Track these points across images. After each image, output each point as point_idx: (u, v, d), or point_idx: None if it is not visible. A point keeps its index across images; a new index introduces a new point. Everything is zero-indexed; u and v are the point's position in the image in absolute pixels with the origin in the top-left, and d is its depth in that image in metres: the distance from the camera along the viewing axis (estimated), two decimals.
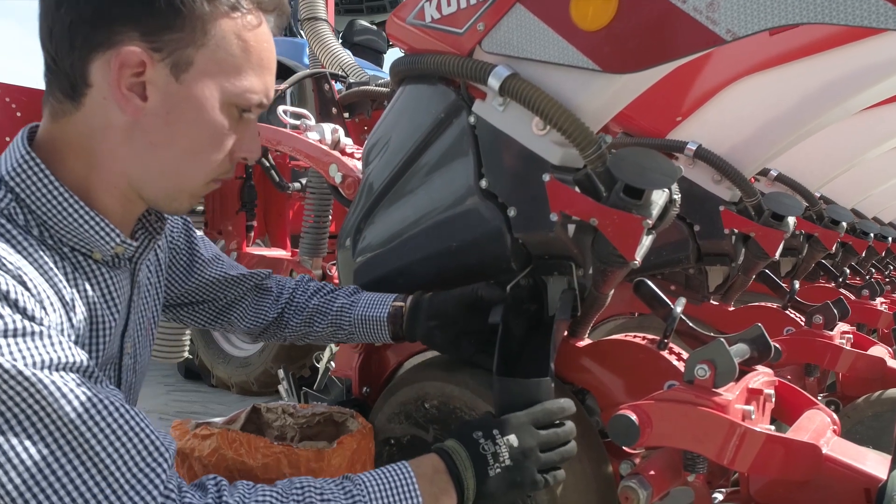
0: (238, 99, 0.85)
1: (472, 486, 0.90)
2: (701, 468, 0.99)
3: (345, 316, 1.28)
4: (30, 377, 0.69)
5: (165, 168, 0.86)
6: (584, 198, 1.04)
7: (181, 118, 0.83)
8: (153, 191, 0.88)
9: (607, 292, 1.16)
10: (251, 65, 0.86)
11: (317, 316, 1.29)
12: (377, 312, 1.25)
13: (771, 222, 1.80)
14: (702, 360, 0.98)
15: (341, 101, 2.25)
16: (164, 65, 0.81)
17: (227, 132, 0.87)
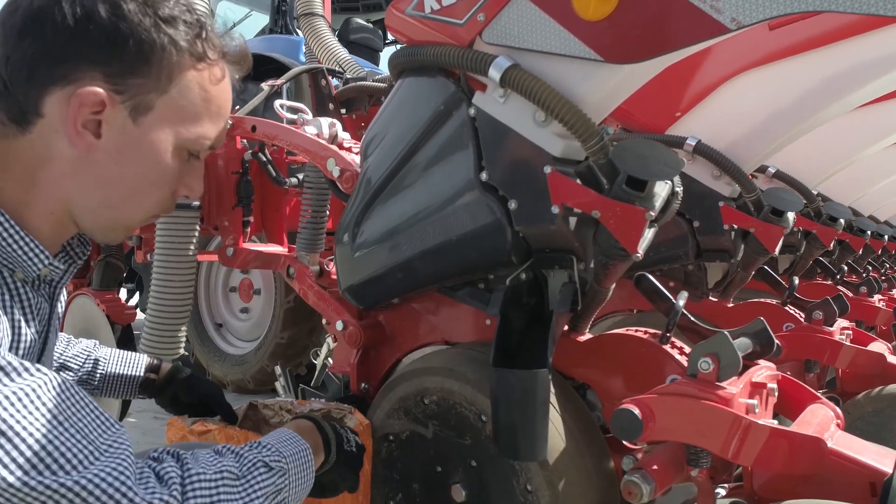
0: (191, 145, 0.87)
1: (334, 450, 1.06)
2: (704, 463, 0.97)
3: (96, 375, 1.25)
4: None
5: (109, 202, 0.86)
6: (586, 190, 1.02)
7: (132, 159, 0.84)
8: (92, 221, 0.88)
9: (608, 286, 1.15)
10: (209, 114, 0.88)
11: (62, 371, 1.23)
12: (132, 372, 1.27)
13: (771, 218, 1.79)
14: (705, 354, 0.97)
15: (338, 97, 2.24)
16: (123, 107, 0.82)
17: (175, 174, 0.88)
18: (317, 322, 3.01)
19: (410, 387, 1.23)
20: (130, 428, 3.27)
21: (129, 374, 1.27)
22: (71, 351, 1.28)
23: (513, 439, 0.96)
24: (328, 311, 1.52)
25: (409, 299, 1.42)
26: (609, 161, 1.04)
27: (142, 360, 1.30)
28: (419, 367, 1.23)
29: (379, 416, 1.29)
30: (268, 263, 1.71)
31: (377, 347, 1.48)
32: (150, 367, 1.30)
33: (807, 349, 1.72)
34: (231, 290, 3.48)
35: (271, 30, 5.31)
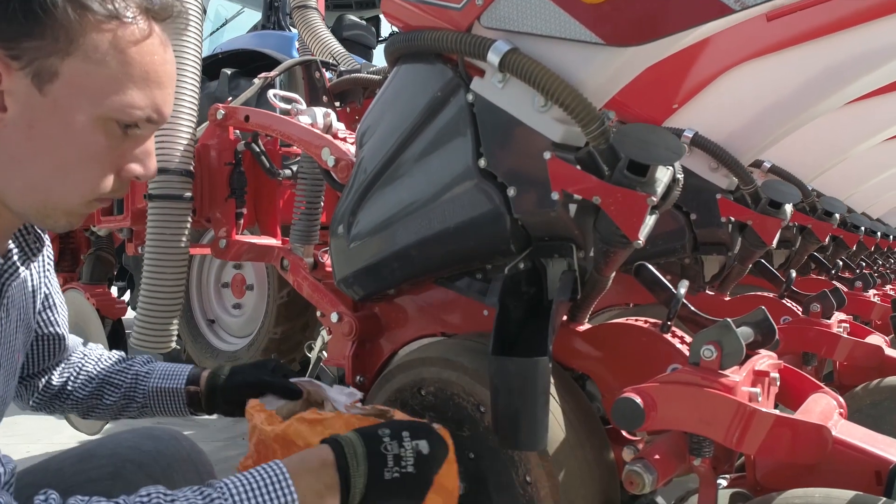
0: (118, 114, 0.78)
1: (360, 488, 0.80)
2: (707, 452, 0.96)
3: (138, 388, 1.20)
4: None
5: (32, 184, 0.78)
6: (587, 175, 1.01)
7: (46, 133, 0.76)
8: (21, 205, 0.80)
9: (609, 275, 1.13)
10: (132, 78, 0.78)
11: (107, 387, 1.20)
12: (175, 384, 1.20)
13: (768, 210, 1.79)
14: (708, 341, 0.96)
15: (332, 90, 2.21)
16: (23, 73, 0.74)
17: (105, 149, 0.80)
18: (311, 317, 2.99)
19: (407, 378, 1.21)
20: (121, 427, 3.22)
21: (172, 387, 1.20)
22: (108, 364, 1.22)
23: (512, 428, 0.94)
24: (323, 302, 1.50)
25: (406, 290, 1.40)
26: (610, 146, 1.02)
27: (183, 372, 1.22)
28: (416, 357, 1.21)
29: None
30: (261, 255, 1.68)
31: (373, 340, 1.46)
32: (190, 379, 1.22)
33: (805, 342, 1.71)
34: (223, 285, 3.44)
35: (264, 26, 5.29)
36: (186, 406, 1.22)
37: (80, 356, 1.22)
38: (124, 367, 1.22)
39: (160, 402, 1.21)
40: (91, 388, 1.19)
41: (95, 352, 1.24)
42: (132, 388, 1.20)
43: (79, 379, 1.20)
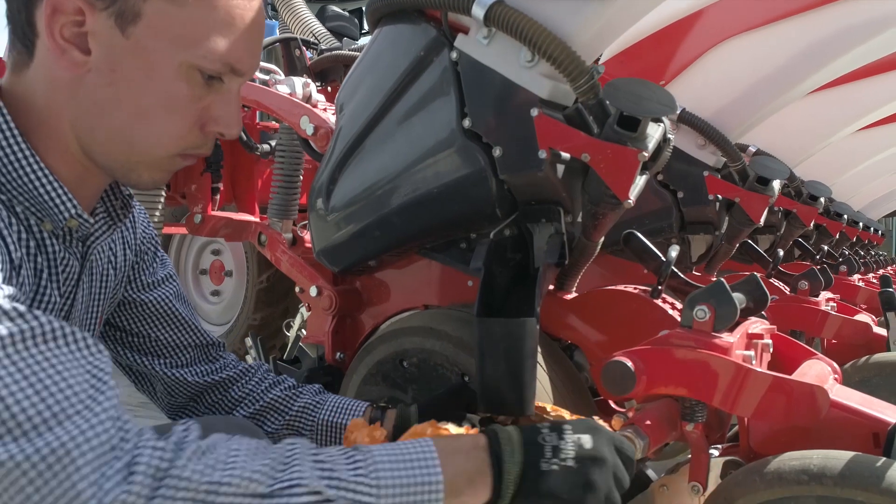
0: (200, 61, 0.74)
1: (514, 476, 0.72)
2: (700, 417, 0.92)
3: (306, 417, 1.07)
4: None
5: (113, 134, 0.76)
6: (575, 131, 0.97)
7: (128, 77, 0.73)
8: (104, 158, 0.78)
9: (597, 240, 1.10)
10: (215, 23, 0.74)
11: (270, 412, 1.08)
12: (349, 419, 1.04)
13: (756, 187, 1.76)
14: (701, 302, 0.92)
15: (313, 68, 2.16)
16: (106, 14, 0.72)
17: (188, 100, 0.76)
18: (290, 303, 2.92)
19: (388, 349, 1.16)
20: None
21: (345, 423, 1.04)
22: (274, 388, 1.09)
23: (498, 392, 0.90)
24: (301, 277, 1.45)
25: (387, 263, 1.35)
26: (599, 102, 0.98)
27: (360, 407, 1.06)
28: (397, 328, 1.17)
29: (355, 383, 1.23)
30: (238, 231, 1.63)
31: (353, 315, 1.42)
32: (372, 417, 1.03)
33: (793, 320, 1.69)
34: (201, 272, 3.37)
35: None
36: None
37: (243, 370, 1.11)
38: (292, 395, 1.09)
39: (329, 438, 1.06)
40: (253, 409, 1.08)
41: (268, 374, 1.13)
42: (298, 419, 1.07)
43: (239, 392, 1.09)
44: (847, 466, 0.78)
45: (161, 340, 1.05)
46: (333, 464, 0.67)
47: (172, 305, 1.05)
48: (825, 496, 0.78)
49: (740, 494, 0.84)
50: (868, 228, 4.07)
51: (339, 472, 0.66)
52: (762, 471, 0.83)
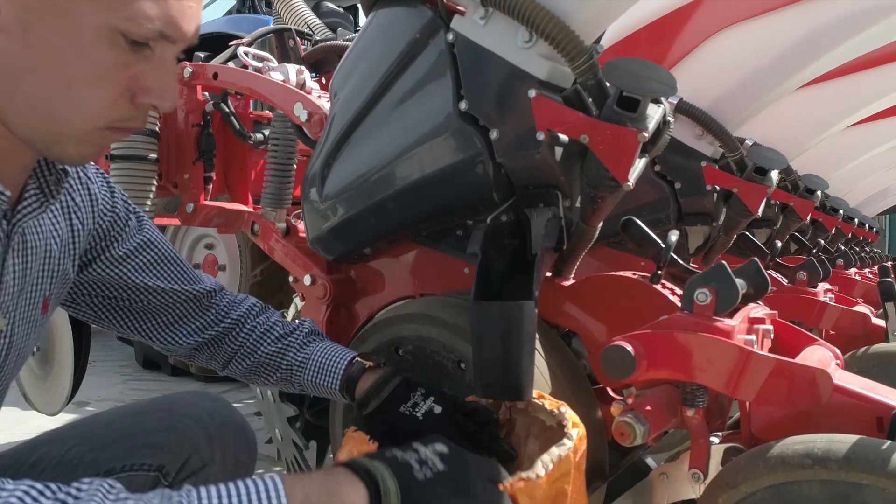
0: (124, 25, 0.67)
1: (394, 491, 0.68)
2: (701, 402, 0.91)
3: (294, 376, 1.09)
4: None
5: (33, 101, 0.69)
6: (574, 112, 0.95)
7: (44, 40, 0.66)
8: (24, 128, 0.71)
9: (596, 224, 1.08)
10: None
11: (262, 369, 1.10)
12: (328, 382, 1.05)
13: (754, 177, 1.75)
14: (702, 285, 0.91)
15: (307, 59, 2.13)
16: None
17: (112, 67, 0.69)
18: (284, 296, 2.89)
19: (384, 336, 1.14)
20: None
21: (327, 385, 1.04)
22: (264, 343, 1.09)
23: (496, 377, 0.88)
24: (295, 266, 1.43)
25: (382, 251, 1.33)
26: (598, 83, 0.97)
27: (337, 369, 1.04)
28: (393, 315, 1.15)
29: None
30: (231, 221, 1.61)
31: (348, 304, 1.40)
32: (347, 377, 1.02)
33: (791, 310, 1.67)
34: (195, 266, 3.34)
35: (238, 10, 5.20)
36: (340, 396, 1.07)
37: (239, 320, 1.10)
38: (280, 349, 1.09)
39: (316, 390, 1.08)
40: (248, 365, 1.10)
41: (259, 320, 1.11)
42: (288, 375, 1.09)
43: (234, 344, 1.09)
44: (852, 450, 0.76)
45: (144, 308, 1.03)
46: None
47: (145, 276, 1.01)
48: (829, 480, 0.77)
49: (743, 480, 0.83)
50: (863, 225, 4.06)
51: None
52: (765, 455, 0.82)
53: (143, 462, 0.91)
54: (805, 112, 2.23)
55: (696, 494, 0.97)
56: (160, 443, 0.92)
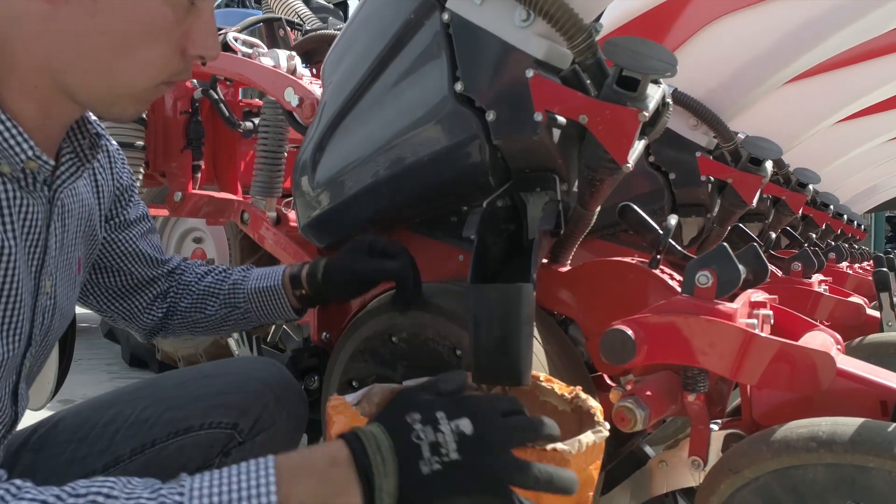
0: None
1: (391, 490, 0.61)
2: (702, 387, 0.89)
3: (237, 292, 1.14)
4: None
5: (95, 65, 0.72)
6: (573, 92, 0.93)
7: (111, 5, 0.70)
8: (86, 92, 0.74)
9: (594, 209, 1.06)
10: None
11: (208, 298, 1.15)
12: (271, 282, 1.13)
13: (749, 167, 1.74)
14: (703, 267, 0.89)
15: (297, 49, 2.10)
16: None
17: (171, 24, 0.74)
18: None
19: (378, 324, 1.12)
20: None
21: (270, 286, 1.12)
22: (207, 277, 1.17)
23: (493, 361, 0.86)
24: (286, 255, 1.40)
25: None
26: (597, 62, 0.95)
27: (278, 271, 1.15)
28: (387, 302, 1.12)
29: (342, 361, 1.18)
30: (220, 210, 1.57)
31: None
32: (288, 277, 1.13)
33: (786, 300, 1.65)
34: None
35: (227, 4, 5.15)
36: (289, 305, 1.14)
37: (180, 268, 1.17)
38: (222, 278, 1.17)
39: (261, 303, 1.14)
40: (191, 300, 1.14)
41: (199, 267, 1.19)
42: (231, 295, 1.14)
43: (180, 291, 1.15)
44: (857, 432, 0.75)
45: (129, 278, 1.08)
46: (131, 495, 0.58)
47: (144, 244, 1.08)
48: (835, 463, 0.75)
49: (746, 464, 0.81)
50: (852, 222, 4.08)
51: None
52: (769, 439, 0.80)
53: (220, 420, 0.97)
54: (797, 106, 2.22)
55: (696, 482, 0.95)
56: (235, 403, 0.98)
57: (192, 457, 0.97)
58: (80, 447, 0.95)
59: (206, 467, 0.94)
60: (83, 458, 0.94)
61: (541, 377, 0.90)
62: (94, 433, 0.96)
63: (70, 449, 0.94)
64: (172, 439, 0.96)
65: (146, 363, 3.76)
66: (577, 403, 0.86)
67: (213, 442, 0.98)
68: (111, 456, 0.94)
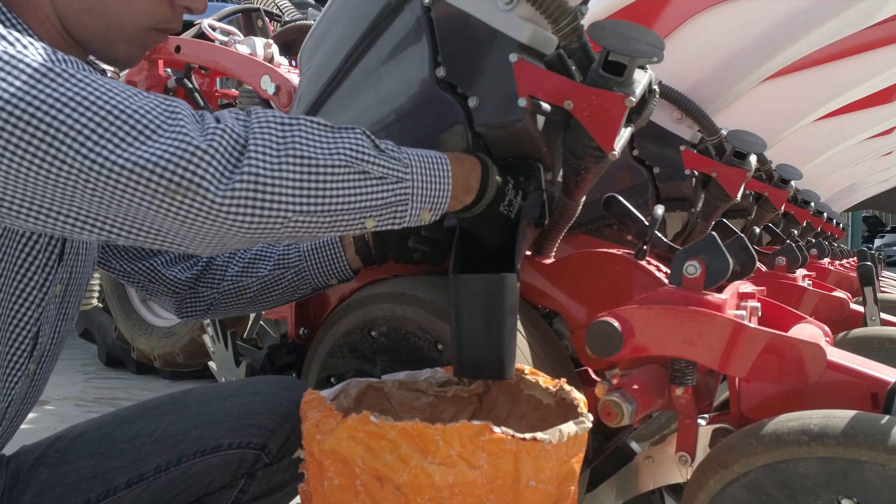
0: None
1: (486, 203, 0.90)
2: (690, 380, 0.87)
3: (290, 252, 1.12)
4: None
5: (90, 5, 0.79)
6: (557, 76, 0.90)
7: None
8: (82, 31, 0.81)
9: (579, 198, 1.04)
10: None
11: (259, 261, 1.13)
12: (328, 238, 1.12)
13: (733, 161, 1.73)
14: (692, 257, 0.86)
15: (276, 39, 2.06)
16: None
17: None
18: None
19: (356, 318, 1.08)
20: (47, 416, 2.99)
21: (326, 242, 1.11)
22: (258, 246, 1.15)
23: (476, 355, 0.83)
24: None
25: None
26: (582, 46, 0.92)
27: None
28: (366, 295, 1.09)
29: (319, 356, 1.14)
30: None
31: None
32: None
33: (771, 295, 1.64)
34: None
35: None
36: (346, 262, 1.13)
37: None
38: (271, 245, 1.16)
39: (317, 261, 1.12)
40: (241, 266, 1.13)
41: None
42: (284, 256, 1.12)
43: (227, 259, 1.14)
44: (850, 425, 0.73)
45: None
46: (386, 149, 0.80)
47: None
48: (827, 457, 0.73)
49: (735, 459, 0.78)
50: (831, 220, 4.12)
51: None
52: (759, 433, 0.78)
53: (249, 441, 0.95)
54: (779, 102, 2.22)
55: (684, 478, 0.93)
56: (264, 423, 0.96)
57: (218, 476, 0.95)
58: (102, 462, 0.92)
59: (230, 488, 0.96)
60: (105, 474, 0.91)
61: (525, 370, 0.88)
62: (117, 448, 0.94)
63: (91, 464, 0.92)
64: (199, 458, 0.94)
65: (122, 363, 3.69)
66: (561, 396, 0.83)
67: (241, 462, 0.96)
68: (135, 472, 0.92)
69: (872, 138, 3.19)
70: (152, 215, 0.64)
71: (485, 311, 0.82)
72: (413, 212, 0.80)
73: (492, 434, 0.63)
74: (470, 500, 0.62)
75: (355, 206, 0.74)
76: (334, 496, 0.67)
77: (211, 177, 0.64)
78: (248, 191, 0.66)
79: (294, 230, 0.71)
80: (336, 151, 0.73)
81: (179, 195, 0.63)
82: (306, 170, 0.70)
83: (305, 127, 0.73)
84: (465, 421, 0.63)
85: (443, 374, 0.94)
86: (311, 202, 0.70)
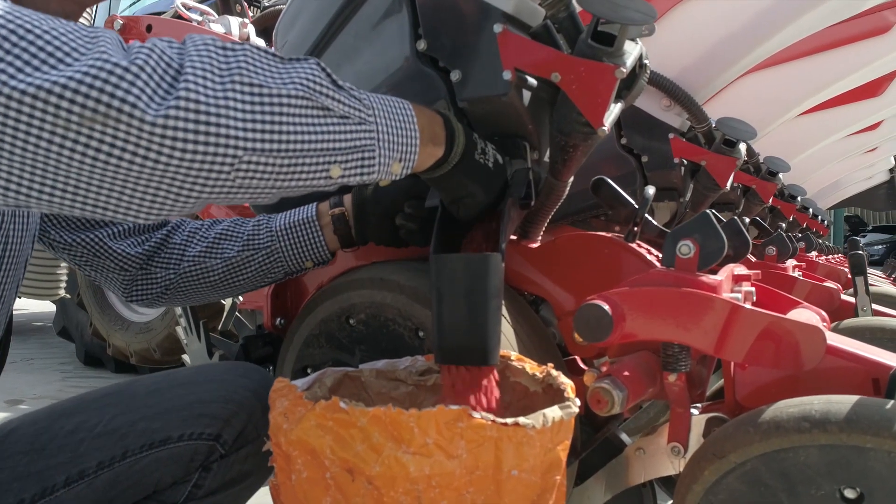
0: None
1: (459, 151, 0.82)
2: (683, 366, 0.82)
3: (261, 231, 1.04)
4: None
5: None
6: (544, 47, 0.86)
7: None
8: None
9: (566, 179, 0.99)
10: None
11: (225, 241, 1.04)
12: (303, 215, 1.04)
13: (723, 149, 1.69)
14: (685, 237, 0.82)
15: (255, 24, 2.00)
16: None
17: None
18: None
19: (333, 305, 1.03)
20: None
21: (302, 218, 1.04)
22: (223, 223, 1.08)
23: (459, 339, 0.78)
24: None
25: None
26: (570, 16, 0.88)
27: (311, 205, 1.05)
28: (343, 281, 1.04)
29: (295, 346, 1.09)
30: None
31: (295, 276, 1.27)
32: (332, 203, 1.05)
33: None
34: None
35: None
36: (323, 241, 1.04)
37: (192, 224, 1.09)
38: (240, 221, 1.08)
39: (292, 240, 1.04)
40: (204, 245, 1.04)
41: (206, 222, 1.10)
42: (254, 236, 1.04)
43: (188, 237, 1.05)
44: (853, 411, 0.69)
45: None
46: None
47: None
48: (829, 445, 0.69)
49: (732, 448, 0.74)
50: (816, 217, 4.12)
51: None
52: (757, 420, 0.73)
53: (201, 432, 0.89)
54: (767, 93, 2.20)
55: (677, 470, 0.89)
56: (218, 413, 0.90)
57: (168, 471, 0.89)
58: (37, 459, 0.85)
59: (183, 483, 0.90)
60: (41, 472, 0.84)
61: (512, 356, 0.83)
62: (53, 444, 0.86)
63: (25, 461, 0.84)
64: (147, 452, 0.87)
65: (102, 362, 3.61)
66: (548, 382, 0.78)
67: (194, 455, 0.89)
68: (75, 469, 0.85)
69: (858, 133, 3.18)
70: (67, 157, 0.53)
71: (467, 293, 0.77)
72: (382, 160, 0.70)
73: (471, 420, 0.58)
74: (448, 493, 0.57)
75: (317, 146, 0.63)
76: (303, 491, 0.62)
77: (138, 95, 0.53)
78: (186, 119, 0.55)
79: (247, 176, 0.59)
80: (290, 81, 0.62)
81: (99, 121, 0.52)
82: (257, 99, 0.59)
83: (251, 53, 0.62)
84: (442, 406, 0.58)
85: (423, 362, 0.89)
86: (265, 138, 0.59)
